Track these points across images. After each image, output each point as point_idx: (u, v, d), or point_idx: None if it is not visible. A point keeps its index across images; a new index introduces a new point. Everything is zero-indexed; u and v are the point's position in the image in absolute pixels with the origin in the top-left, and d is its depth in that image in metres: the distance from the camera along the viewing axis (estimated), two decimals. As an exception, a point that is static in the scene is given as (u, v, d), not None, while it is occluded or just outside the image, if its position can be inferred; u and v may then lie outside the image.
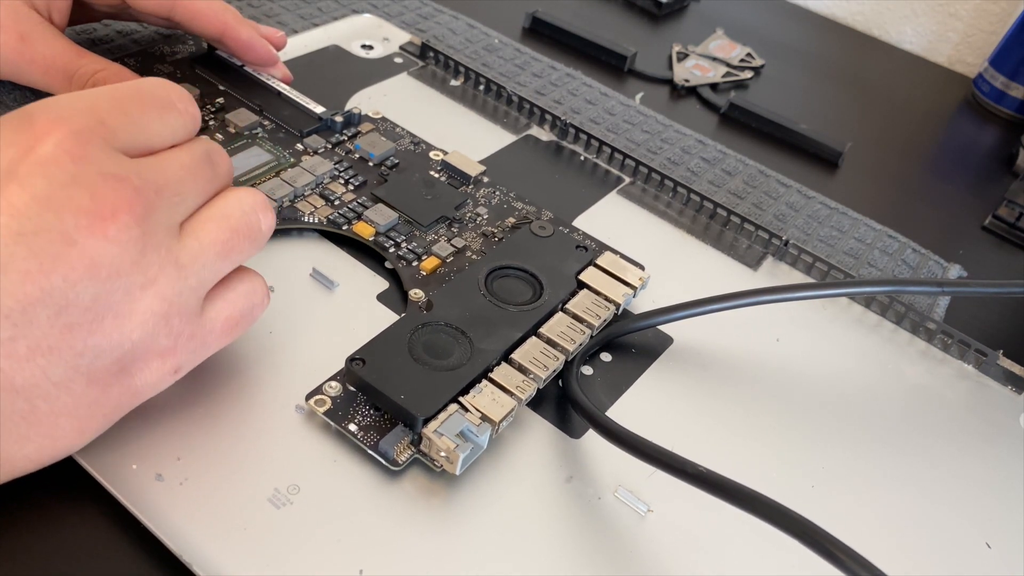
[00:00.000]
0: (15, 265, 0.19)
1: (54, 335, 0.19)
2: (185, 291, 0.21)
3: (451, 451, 0.23)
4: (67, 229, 0.19)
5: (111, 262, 0.20)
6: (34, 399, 0.19)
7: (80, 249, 0.19)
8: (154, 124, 0.22)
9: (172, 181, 0.21)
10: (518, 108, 0.41)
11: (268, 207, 0.24)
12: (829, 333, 0.33)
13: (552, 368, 0.27)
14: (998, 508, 0.28)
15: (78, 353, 0.20)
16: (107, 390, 0.21)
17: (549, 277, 0.30)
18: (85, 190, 0.19)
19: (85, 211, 0.19)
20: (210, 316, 0.22)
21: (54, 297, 0.19)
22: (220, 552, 0.22)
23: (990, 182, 0.48)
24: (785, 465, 0.28)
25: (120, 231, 0.20)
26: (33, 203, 0.19)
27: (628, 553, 0.24)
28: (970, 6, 0.59)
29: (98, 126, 0.20)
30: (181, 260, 0.21)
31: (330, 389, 0.25)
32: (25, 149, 0.19)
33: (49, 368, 0.19)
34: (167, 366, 0.22)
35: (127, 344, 0.20)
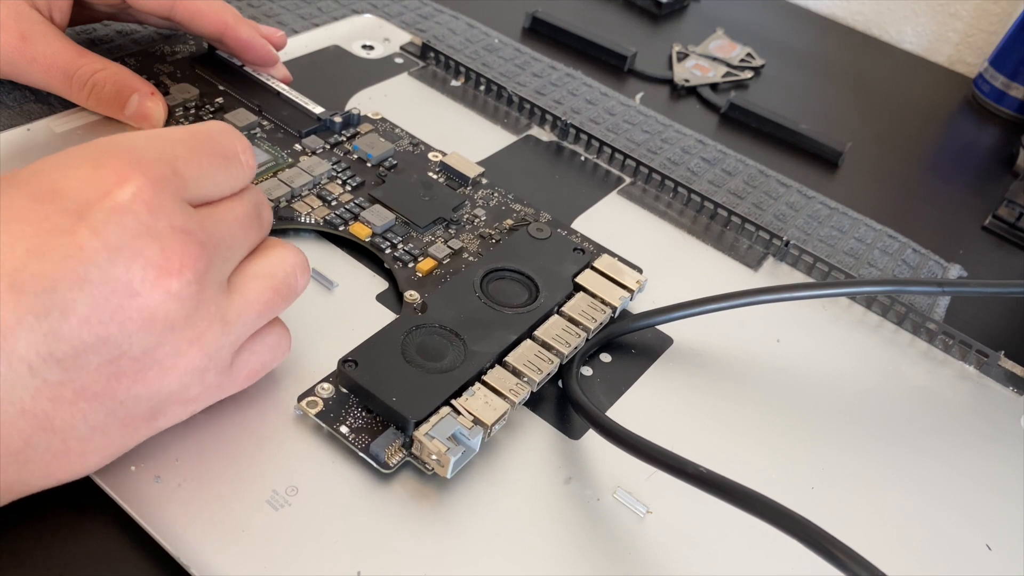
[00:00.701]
0: (76, 311, 0.18)
1: (101, 382, 0.19)
2: (225, 347, 0.22)
3: (442, 454, 0.23)
4: (132, 281, 0.19)
5: (168, 317, 0.20)
6: (69, 440, 0.19)
7: (142, 302, 0.19)
8: (219, 176, 0.22)
9: (227, 236, 0.22)
10: (518, 108, 0.41)
11: (307, 268, 0.24)
12: (830, 334, 0.33)
13: (547, 371, 0.26)
14: (999, 509, 0.28)
15: (120, 401, 0.20)
16: (135, 432, 0.21)
17: (545, 280, 0.30)
18: (156, 243, 0.19)
19: (153, 265, 0.19)
20: (237, 367, 0.23)
21: (108, 346, 0.19)
22: (219, 554, 0.21)
23: (990, 182, 0.48)
24: (785, 465, 0.27)
25: (182, 287, 0.20)
26: (103, 251, 0.19)
27: (627, 554, 0.24)
28: (970, 6, 0.59)
29: (173, 176, 0.20)
30: (227, 317, 0.21)
31: (322, 391, 0.25)
32: (101, 192, 0.19)
33: (90, 413, 0.19)
34: (186, 410, 0.22)
35: (163, 394, 0.21)
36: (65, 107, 0.33)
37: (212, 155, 0.22)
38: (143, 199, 0.19)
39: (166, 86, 0.35)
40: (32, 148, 0.32)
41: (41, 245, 0.18)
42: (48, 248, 0.18)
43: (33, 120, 0.33)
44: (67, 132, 0.33)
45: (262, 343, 0.23)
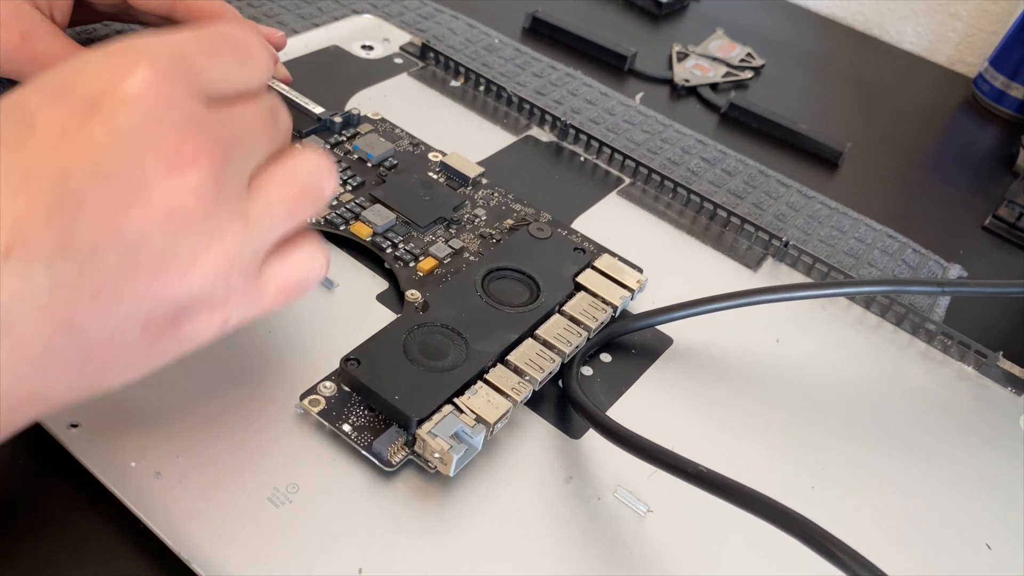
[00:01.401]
0: (91, 203, 0.18)
1: (119, 280, 0.18)
2: (248, 249, 0.21)
3: (445, 452, 0.23)
4: (146, 171, 0.18)
5: (185, 211, 0.19)
6: (90, 343, 0.19)
7: (157, 194, 0.18)
8: (232, 69, 0.21)
9: (244, 134, 0.21)
10: (518, 109, 0.41)
11: (333, 171, 0.23)
12: (829, 334, 0.33)
13: (548, 370, 0.26)
14: (998, 509, 0.28)
15: (139, 300, 0.19)
16: (157, 339, 0.20)
17: (546, 279, 0.30)
18: (168, 132, 0.19)
19: (166, 155, 0.19)
20: (266, 278, 0.22)
21: (125, 241, 0.18)
22: (220, 550, 0.22)
23: (990, 182, 0.48)
24: (785, 465, 0.28)
25: (199, 180, 0.19)
26: (114, 141, 0.18)
27: (628, 553, 0.24)
28: (970, 6, 0.59)
29: (184, 67, 0.20)
30: (248, 217, 0.20)
31: (325, 389, 0.25)
32: (111, 82, 0.19)
33: (109, 312, 0.19)
34: (216, 318, 0.21)
35: (185, 296, 0.20)
36: (66, 107, 0.33)
37: (224, 47, 0.21)
38: (153, 87, 0.19)
39: (167, 86, 0.35)
40: None
41: (53, 138, 0.18)
42: (59, 140, 0.18)
43: (34, 120, 0.33)
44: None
45: (293, 256, 0.22)
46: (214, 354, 0.26)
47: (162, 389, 0.25)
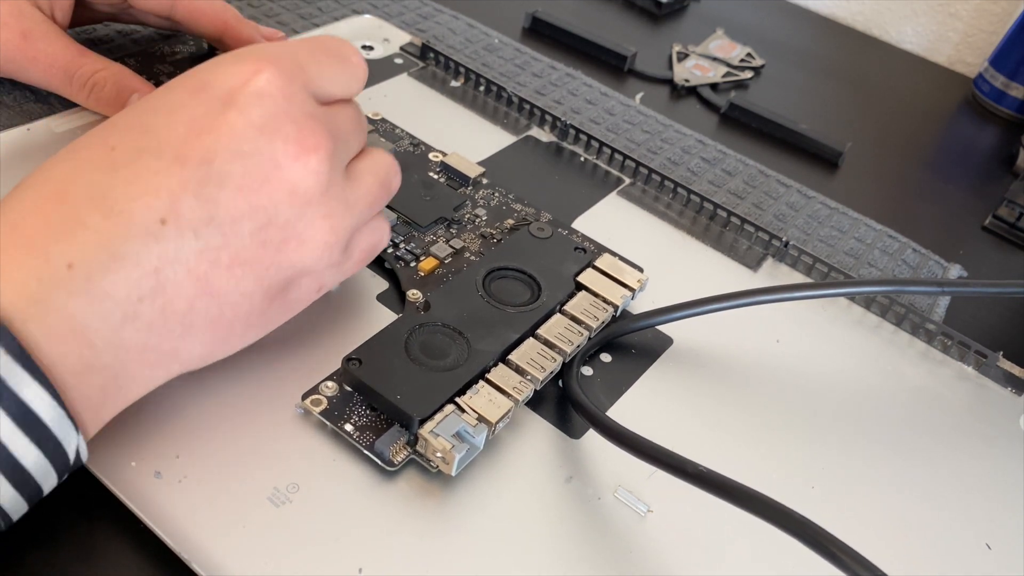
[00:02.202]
0: (231, 180, 0.21)
1: (252, 249, 0.21)
2: (348, 227, 0.24)
3: (447, 452, 0.23)
4: (276, 155, 0.22)
5: (306, 190, 0.22)
6: (223, 305, 0.22)
7: (285, 174, 0.22)
8: (337, 75, 0.24)
9: (344, 131, 0.24)
10: (518, 109, 0.41)
11: (399, 170, 0.27)
12: (829, 334, 0.33)
13: (549, 369, 0.26)
14: (998, 509, 0.28)
15: (265, 268, 0.22)
16: (272, 303, 0.23)
17: (547, 279, 0.30)
18: (292, 123, 0.22)
19: (293, 141, 0.22)
20: (352, 247, 0.25)
21: (258, 214, 0.21)
22: (220, 550, 0.22)
23: (990, 182, 0.48)
24: (785, 465, 0.28)
25: (318, 164, 0.22)
26: (249, 128, 0.21)
27: (628, 553, 0.24)
28: (970, 6, 0.59)
29: (300, 70, 0.23)
30: (349, 200, 0.24)
31: (326, 389, 0.25)
32: (243, 80, 0.22)
33: (242, 279, 0.22)
34: (315, 285, 0.24)
35: (299, 266, 0.23)
36: (65, 107, 0.34)
37: (330, 56, 0.24)
38: (277, 85, 0.22)
39: (167, 86, 0.35)
40: (32, 148, 0.32)
41: (198, 126, 0.21)
42: (204, 128, 0.21)
43: (33, 120, 0.33)
44: (67, 132, 0.33)
45: (369, 228, 0.26)
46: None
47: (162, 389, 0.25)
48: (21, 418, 0.18)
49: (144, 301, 0.20)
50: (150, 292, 0.20)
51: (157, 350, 0.21)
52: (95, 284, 0.19)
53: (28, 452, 0.19)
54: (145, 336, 0.20)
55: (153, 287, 0.20)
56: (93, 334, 0.19)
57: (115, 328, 0.20)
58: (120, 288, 0.20)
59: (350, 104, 0.25)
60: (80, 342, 0.19)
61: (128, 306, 0.20)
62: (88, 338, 0.19)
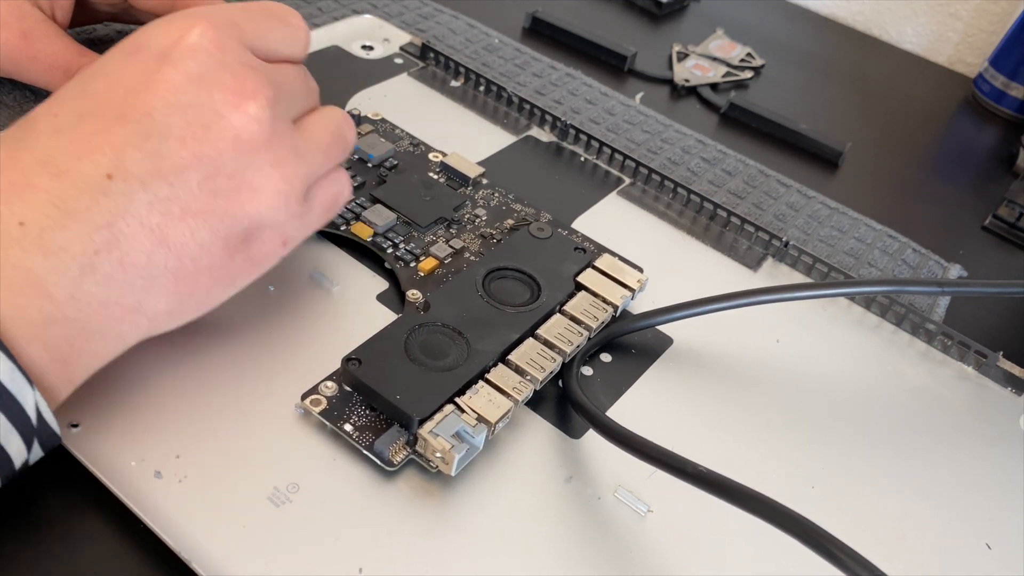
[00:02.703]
0: (173, 132, 0.21)
1: (203, 199, 0.22)
2: (301, 176, 0.24)
3: (446, 452, 0.23)
4: (215, 104, 0.22)
5: (250, 138, 0.22)
6: (182, 257, 0.22)
7: (227, 122, 0.22)
8: (275, 33, 0.25)
9: (288, 85, 0.25)
10: (518, 109, 0.41)
11: (352, 124, 0.27)
12: (829, 334, 0.33)
13: (549, 370, 0.26)
14: (998, 509, 0.28)
15: (219, 218, 0.22)
16: (234, 256, 0.23)
17: (547, 279, 0.30)
18: (228, 72, 0.22)
19: (231, 90, 0.22)
20: (311, 198, 0.25)
21: (204, 164, 0.22)
22: (220, 550, 0.22)
23: (990, 182, 0.48)
24: (785, 465, 0.28)
25: (259, 110, 0.23)
26: (186, 81, 0.22)
27: (628, 553, 0.24)
28: (970, 6, 0.59)
29: (233, 26, 0.23)
30: (299, 149, 0.24)
31: (326, 389, 0.25)
32: (176, 37, 0.22)
33: (197, 230, 0.22)
34: (279, 239, 0.24)
35: (255, 216, 0.23)
36: (66, 107, 0.33)
37: (266, 15, 0.25)
38: (210, 38, 0.22)
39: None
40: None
41: (135, 84, 0.22)
42: (141, 85, 0.22)
43: (34, 119, 0.33)
44: (68, 132, 0.33)
45: (328, 179, 0.26)
46: (214, 354, 0.26)
47: (162, 389, 0.25)
48: None
49: (100, 254, 0.20)
50: (105, 245, 0.20)
51: (120, 303, 0.21)
52: (49, 239, 0.20)
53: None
54: (106, 289, 0.21)
55: (108, 240, 0.20)
56: (52, 287, 0.20)
57: (74, 280, 0.20)
58: (75, 243, 0.20)
59: (296, 65, 0.26)
60: (39, 294, 0.20)
61: (84, 259, 0.20)
62: (47, 291, 0.20)
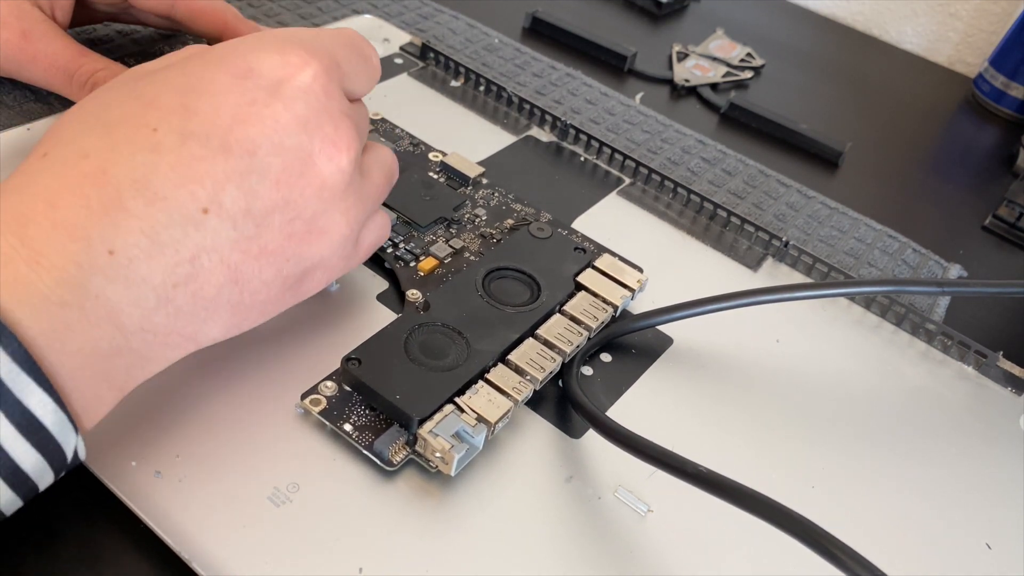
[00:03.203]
0: (271, 174, 0.21)
1: (278, 240, 0.22)
2: (361, 220, 0.25)
3: (446, 452, 0.23)
4: (313, 151, 0.22)
5: (334, 186, 0.23)
6: (244, 292, 0.22)
7: (318, 170, 0.22)
8: (363, 73, 0.25)
9: (364, 127, 0.25)
10: (518, 109, 0.41)
11: (397, 163, 0.28)
12: (829, 334, 0.33)
13: (549, 370, 0.26)
14: (998, 509, 0.28)
15: (287, 259, 0.22)
16: (286, 291, 0.23)
17: (547, 279, 0.30)
18: (330, 121, 0.22)
19: (329, 139, 0.22)
20: (360, 241, 0.26)
21: (290, 207, 0.22)
22: (220, 549, 0.22)
23: (990, 182, 0.48)
24: (785, 465, 0.28)
25: (347, 163, 0.23)
26: (294, 122, 0.22)
27: (628, 553, 0.24)
28: (970, 6, 0.59)
29: (337, 68, 0.24)
30: (363, 195, 0.24)
31: (326, 389, 0.25)
32: (289, 72, 0.22)
33: (265, 268, 0.22)
34: (325, 277, 0.25)
35: (317, 257, 0.23)
36: (65, 107, 0.34)
37: (357, 55, 0.25)
38: (321, 83, 0.22)
39: (167, 86, 0.35)
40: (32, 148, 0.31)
41: (244, 115, 0.21)
42: (251, 117, 0.21)
43: (33, 120, 0.33)
44: (68, 131, 0.33)
45: (374, 222, 0.26)
46: (215, 354, 0.26)
47: (162, 389, 0.25)
48: (23, 424, 0.18)
49: (179, 287, 0.20)
50: (184, 279, 0.20)
51: (181, 333, 0.21)
52: (134, 270, 0.19)
53: (28, 456, 0.19)
54: (173, 320, 0.21)
55: (188, 274, 0.20)
56: (126, 318, 0.20)
57: (147, 313, 0.20)
58: (157, 274, 0.20)
59: (362, 102, 0.26)
60: (113, 326, 0.19)
61: (163, 292, 0.20)
62: (121, 322, 0.19)
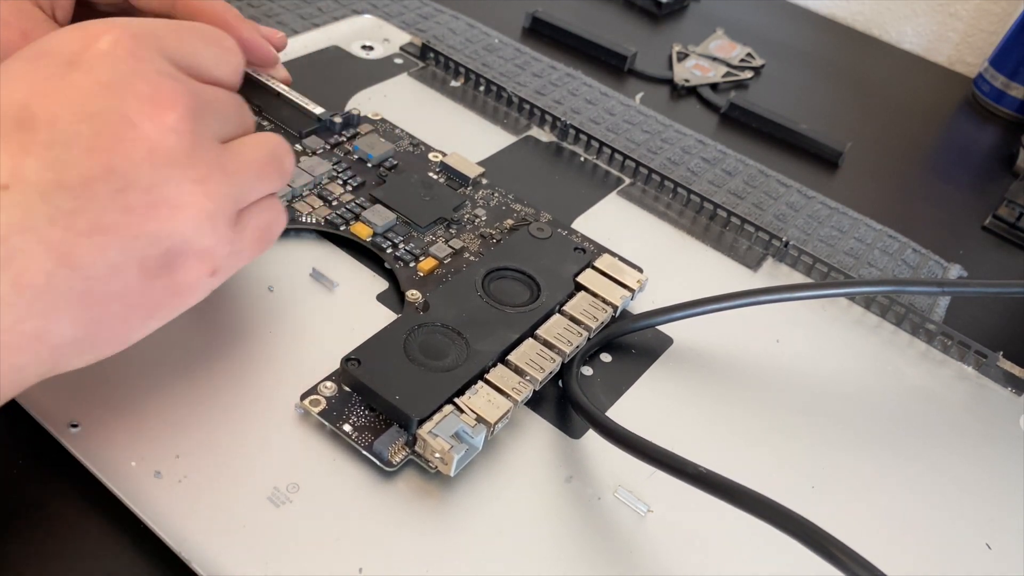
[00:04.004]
0: (80, 142, 0.20)
1: (113, 214, 0.20)
2: (229, 196, 0.22)
3: (445, 452, 0.23)
4: (129, 112, 0.20)
5: (168, 150, 0.21)
6: (90, 279, 0.20)
7: (141, 132, 0.20)
8: (204, 51, 0.23)
9: (215, 102, 0.23)
10: (518, 109, 0.41)
11: (291, 150, 0.25)
12: (829, 334, 0.33)
13: (548, 370, 0.26)
14: (998, 509, 0.28)
15: (133, 236, 0.20)
16: (153, 282, 0.21)
17: (547, 279, 0.30)
18: (144, 81, 0.21)
19: (146, 98, 0.21)
20: (242, 225, 0.23)
21: (115, 176, 0.20)
22: (220, 550, 0.22)
23: (990, 182, 0.48)
24: (785, 466, 0.28)
25: (177, 121, 0.21)
26: (97, 87, 0.20)
27: (628, 553, 0.24)
28: (970, 6, 0.59)
29: (153, 36, 0.22)
30: (227, 168, 0.22)
31: (325, 389, 0.25)
32: (86, 42, 0.21)
33: (107, 248, 0.20)
34: (205, 267, 0.22)
35: (176, 236, 0.21)
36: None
37: (194, 33, 0.23)
38: (126, 46, 0.21)
39: (167, 86, 0.35)
40: None
41: (40, 89, 0.20)
42: (47, 90, 0.20)
43: (34, 120, 0.33)
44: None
45: (258, 205, 0.24)
46: (214, 354, 0.26)
47: (162, 389, 0.25)
48: None
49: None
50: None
51: (18, 330, 0.19)
52: None
53: None
54: (3, 315, 0.19)
55: (2, 257, 0.18)
56: None
57: None
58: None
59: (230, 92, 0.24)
60: None
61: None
62: None
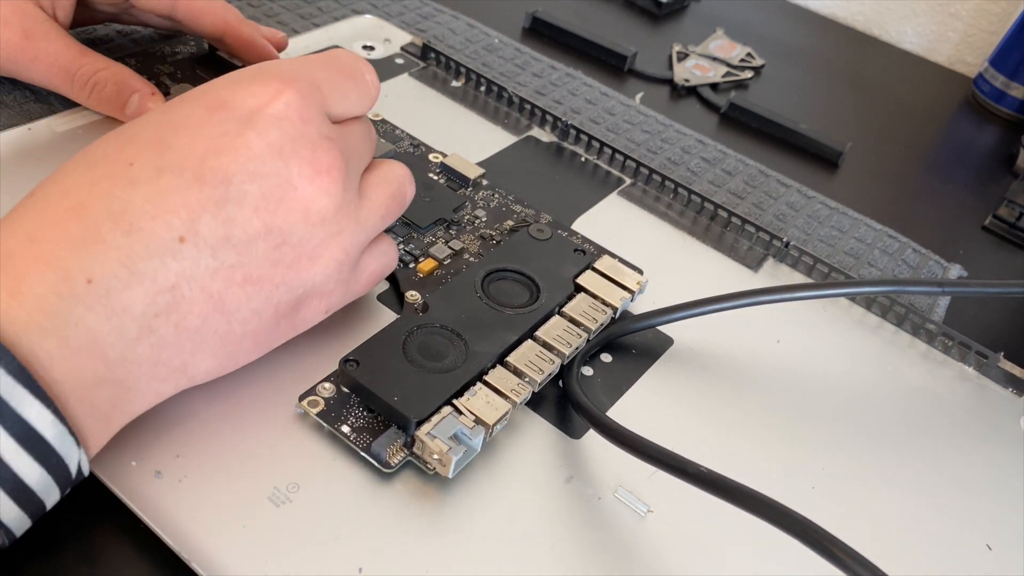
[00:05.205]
0: (248, 201, 0.21)
1: (264, 268, 0.22)
2: (357, 244, 0.24)
3: (444, 454, 0.23)
4: (292, 176, 0.22)
5: (319, 210, 0.23)
6: (233, 321, 0.22)
7: (300, 194, 0.22)
8: (351, 94, 0.25)
9: (356, 148, 0.25)
10: (519, 109, 0.41)
11: (413, 179, 0.27)
12: (829, 335, 0.33)
13: (548, 371, 0.26)
14: (999, 510, 0.28)
15: (276, 286, 0.22)
16: (280, 321, 0.23)
17: (546, 280, 0.30)
18: (309, 146, 0.23)
19: (308, 163, 0.22)
20: (361, 267, 0.25)
21: (273, 234, 0.22)
22: (220, 549, 0.22)
23: (990, 182, 0.48)
24: (785, 466, 0.28)
25: (330, 184, 0.23)
26: (268, 149, 0.22)
27: (628, 553, 0.24)
28: (970, 6, 0.59)
29: (317, 91, 0.24)
30: (360, 217, 0.24)
31: (324, 390, 0.25)
32: (263, 101, 0.22)
33: (252, 296, 0.22)
34: (322, 305, 0.24)
35: (310, 284, 0.23)
36: (66, 106, 0.34)
37: (345, 75, 0.25)
38: (296, 108, 0.23)
39: (166, 86, 0.36)
40: (33, 148, 0.32)
41: (218, 146, 0.21)
42: (223, 148, 0.21)
43: (34, 120, 0.33)
44: (68, 132, 0.33)
45: (378, 249, 0.26)
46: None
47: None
48: (24, 437, 0.18)
49: (160, 317, 0.20)
50: (165, 308, 0.20)
51: (168, 365, 0.21)
52: (114, 299, 0.20)
53: (31, 470, 0.19)
54: (158, 351, 0.21)
55: (169, 303, 0.20)
56: (108, 348, 0.20)
57: (130, 343, 0.20)
58: (137, 304, 0.20)
59: (361, 120, 0.26)
60: (95, 356, 0.19)
61: (144, 321, 0.20)
62: (103, 352, 0.20)
